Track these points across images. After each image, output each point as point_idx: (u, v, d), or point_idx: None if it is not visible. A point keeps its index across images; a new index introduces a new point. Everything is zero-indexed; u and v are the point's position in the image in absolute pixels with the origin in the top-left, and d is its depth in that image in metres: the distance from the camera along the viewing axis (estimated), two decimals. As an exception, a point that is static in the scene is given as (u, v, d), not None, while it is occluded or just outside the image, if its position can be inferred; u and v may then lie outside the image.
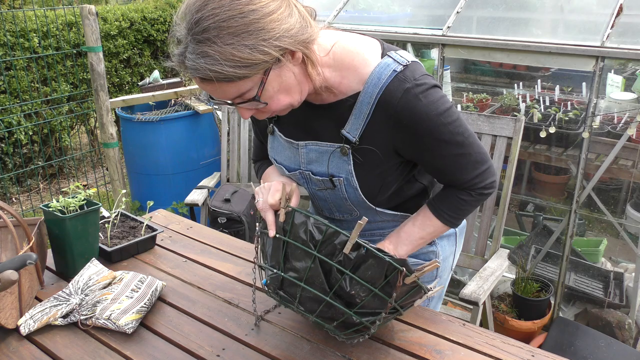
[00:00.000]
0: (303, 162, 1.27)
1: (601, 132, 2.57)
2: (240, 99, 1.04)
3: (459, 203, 1.25)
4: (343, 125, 1.18)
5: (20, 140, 4.07)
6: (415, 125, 1.13)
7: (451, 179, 1.24)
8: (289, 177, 1.32)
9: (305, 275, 1.06)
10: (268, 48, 0.97)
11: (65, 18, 4.44)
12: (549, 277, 2.74)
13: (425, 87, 1.12)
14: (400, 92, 1.10)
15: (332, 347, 1.21)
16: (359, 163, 1.20)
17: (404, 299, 1.10)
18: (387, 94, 1.11)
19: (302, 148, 1.26)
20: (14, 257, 1.25)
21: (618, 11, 2.45)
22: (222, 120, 2.97)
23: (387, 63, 1.13)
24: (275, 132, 1.31)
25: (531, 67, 3.02)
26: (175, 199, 3.49)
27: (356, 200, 1.27)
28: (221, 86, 1.00)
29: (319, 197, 1.33)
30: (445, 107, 1.13)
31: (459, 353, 1.20)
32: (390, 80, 1.11)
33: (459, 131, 1.16)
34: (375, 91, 1.12)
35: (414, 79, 1.11)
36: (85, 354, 1.21)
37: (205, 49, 0.96)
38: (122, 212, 1.80)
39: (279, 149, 1.32)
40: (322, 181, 1.26)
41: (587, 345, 2.36)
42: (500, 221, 2.06)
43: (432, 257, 1.42)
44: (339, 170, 1.22)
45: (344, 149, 1.19)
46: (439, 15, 2.87)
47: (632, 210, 2.86)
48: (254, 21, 0.96)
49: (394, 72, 1.12)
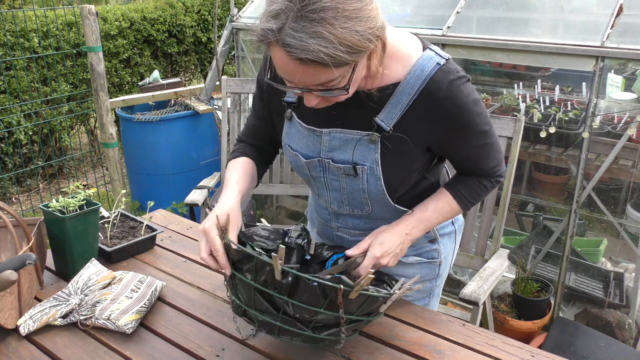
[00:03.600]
0: (324, 149, 1.24)
1: (601, 132, 2.57)
2: (323, 87, 1.01)
3: (479, 189, 1.30)
4: (376, 113, 1.18)
5: (20, 140, 4.07)
6: (456, 117, 1.16)
7: (476, 168, 1.29)
8: (232, 195, 1.23)
9: (252, 303, 1.06)
10: (372, 36, 0.98)
11: (65, 18, 4.44)
12: (549, 277, 2.74)
13: (465, 80, 1.16)
14: (446, 84, 1.13)
15: (331, 348, 1.21)
16: (386, 153, 1.20)
17: (361, 309, 1.06)
18: (432, 85, 1.13)
19: (325, 135, 1.23)
20: (13, 257, 1.25)
21: (618, 11, 2.45)
22: (222, 120, 2.97)
23: (429, 56, 1.15)
24: (294, 119, 1.28)
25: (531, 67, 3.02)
26: (175, 199, 3.49)
27: (375, 192, 1.25)
28: (317, 70, 0.96)
29: (333, 187, 1.30)
30: (477, 98, 1.18)
31: (458, 353, 1.20)
32: (435, 72, 1.13)
33: (486, 121, 1.21)
34: (418, 82, 1.14)
35: (456, 71, 1.15)
36: (84, 354, 1.21)
37: (320, 29, 0.91)
38: (121, 212, 1.80)
39: (295, 136, 1.29)
40: (343, 169, 1.23)
41: (587, 345, 2.35)
42: (500, 221, 2.06)
43: (435, 256, 1.41)
44: (364, 158, 1.21)
45: (373, 137, 1.18)
46: (439, 15, 2.87)
47: (632, 210, 2.86)
48: (363, 7, 0.96)
49: (437, 65, 1.14)
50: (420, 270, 1.41)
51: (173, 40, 5.41)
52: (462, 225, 1.50)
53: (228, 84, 2.90)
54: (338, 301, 1.01)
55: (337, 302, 1.02)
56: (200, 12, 5.63)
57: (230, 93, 2.92)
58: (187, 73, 5.83)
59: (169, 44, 5.37)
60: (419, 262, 1.41)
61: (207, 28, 5.71)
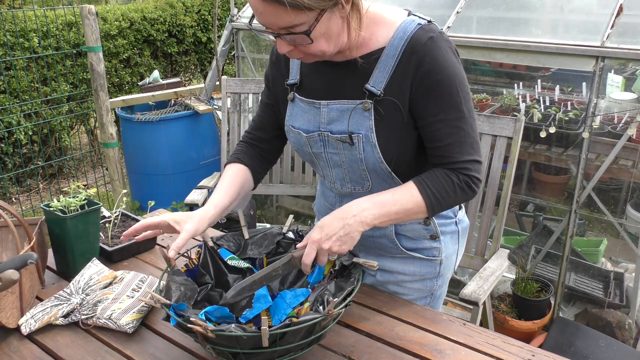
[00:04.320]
0: (323, 122, 1.28)
1: (601, 132, 2.57)
2: (287, 31, 1.08)
3: (446, 183, 1.20)
4: (367, 80, 1.22)
5: (20, 140, 4.07)
6: (431, 73, 1.16)
7: (445, 154, 1.21)
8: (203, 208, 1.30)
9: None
10: None
11: (65, 18, 4.44)
12: (549, 277, 2.74)
13: (447, 45, 1.18)
14: (425, 39, 1.16)
15: (333, 347, 1.21)
16: (379, 119, 1.22)
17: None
18: (412, 42, 1.17)
19: (323, 107, 1.27)
20: (15, 257, 1.25)
21: (618, 11, 2.45)
22: (222, 120, 2.97)
23: (412, 19, 1.20)
24: (296, 98, 1.33)
25: (531, 67, 3.02)
26: (175, 199, 3.50)
27: (372, 161, 1.25)
28: (281, 11, 1.03)
29: (335, 162, 1.32)
30: (461, 73, 1.19)
31: (459, 352, 1.20)
32: (416, 30, 1.18)
33: (465, 104, 1.20)
34: (401, 43, 1.18)
35: (439, 32, 1.19)
36: (86, 353, 1.21)
37: None
38: (122, 212, 1.81)
39: (297, 114, 1.33)
40: (341, 139, 1.26)
41: (587, 345, 2.36)
42: (500, 221, 2.06)
43: (436, 254, 1.41)
44: (359, 126, 1.23)
45: (366, 104, 1.22)
46: (439, 15, 2.87)
47: (632, 210, 2.86)
48: None
49: (418, 25, 1.18)
50: (420, 267, 1.41)
51: (173, 40, 5.41)
52: (466, 228, 1.50)
53: (228, 84, 2.90)
54: (328, 319, 1.07)
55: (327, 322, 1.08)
56: (200, 12, 5.63)
57: (230, 93, 2.92)
58: (187, 73, 5.84)
59: (169, 44, 5.37)
60: (419, 259, 1.41)
61: (207, 28, 5.71)
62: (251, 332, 1.01)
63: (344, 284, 1.18)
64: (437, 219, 1.40)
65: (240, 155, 1.44)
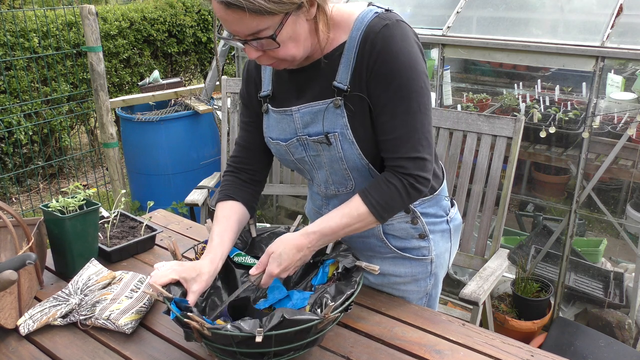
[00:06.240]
0: (299, 127, 1.27)
1: (601, 132, 2.57)
2: (253, 37, 1.08)
3: (388, 189, 1.21)
4: (334, 78, 1.21)
5: (20, 140, 4.07)
6: (383, 62, 1.15)
7: (389, 148, 1.21)
8: (207, 258, 1.25)
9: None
10: None
11: (65, 18, 4.44)
12: (549, 277, 2.74)
13: (404, 33, 1.16)
14: (379, 27, 1.15)
15: (332, 347, 1.21)
16: (351, 115, 1.21)
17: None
18: (367, 31, 1.16)
19: (295, 113, 1.27)
20: (13, 257, 1.25)
21: (618, 11, 2.45)
22: (222, 120, 2.97)
23: (370, 9, 1.19)
24: (269, 110, 1.33)
25: (531, 67, 3.02)
26: (175, 199, 3.50)
27: (352, 159, 1.25)
28: (243, 18, 1.04)
29: (317, 164, 1.32)
30: (416, 64, 1.16)
31: (458, 353, 1.20)
32: (372, 19, 1.17)
33: (418, 97, 1.17)
34: (359, 34, 1.17)
35: (396, 19, 1.16)
36: (84, 354, 1.21)
37: None
38: (121, 212, 1.80)
39: (272, 125, 1.33)
40: (319, 140, 1.25)
41: (587, 345, 2.35)
42: (500, 221, 2.06)
43: (425, 253, 1.40)
44: (334, 125, 1.23)
45: (336, 102, 1.21)
46: (439, 15, 2.87)
47: (632, 210, 2.86)
48: None
49: (375, 14, 1.17)
50: (411, 268, 1.41)
51: (173, 40, 5.41)
52: (458, 226, 1.49)
53: (228, 84, 2.90)
54: (325, 321, 1.08)
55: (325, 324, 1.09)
56: (200, 12, 5.63)
57: (230, 93, 2.92)
58: (187, 73, 5.84)
59: (169, 44, 5.37)
60: (409, 259, 1.40)
61: (207, 28, 5.71)
62: (246, 332, 1.02)
63: (344, 288, 1.18)
64: (426, 218, 1.38)
65: (228, 190, 1.39)
